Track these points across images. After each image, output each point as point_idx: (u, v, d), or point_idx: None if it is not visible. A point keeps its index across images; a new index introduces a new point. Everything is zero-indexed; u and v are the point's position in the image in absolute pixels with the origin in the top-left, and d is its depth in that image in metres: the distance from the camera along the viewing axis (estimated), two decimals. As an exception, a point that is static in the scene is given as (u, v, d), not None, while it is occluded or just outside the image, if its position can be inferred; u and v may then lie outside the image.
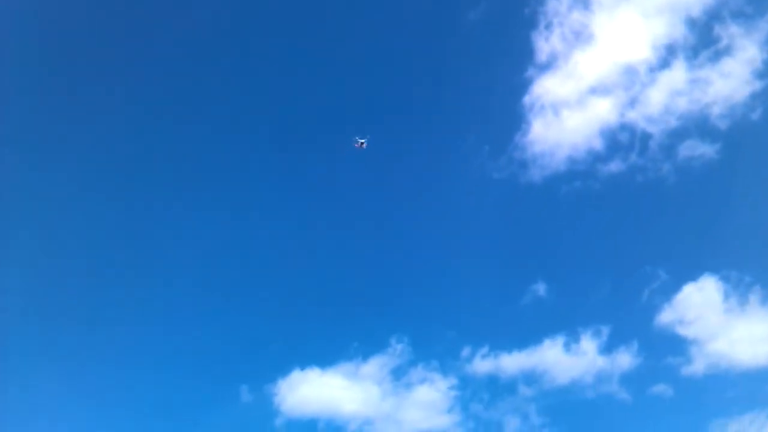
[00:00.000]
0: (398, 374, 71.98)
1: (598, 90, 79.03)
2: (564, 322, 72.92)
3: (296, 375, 70.83)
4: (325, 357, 72.46)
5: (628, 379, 68.93)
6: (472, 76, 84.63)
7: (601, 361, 70.16)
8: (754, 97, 73.54)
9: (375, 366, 72.14)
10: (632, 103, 78.10)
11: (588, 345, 71.09)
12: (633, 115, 77.64)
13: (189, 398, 71.51)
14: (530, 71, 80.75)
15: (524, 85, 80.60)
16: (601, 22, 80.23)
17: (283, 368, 71.17)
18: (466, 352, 72.43)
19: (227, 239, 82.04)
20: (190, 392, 71.51)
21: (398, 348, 73.23)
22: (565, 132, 78.35)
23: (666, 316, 70.24)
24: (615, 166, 76.79)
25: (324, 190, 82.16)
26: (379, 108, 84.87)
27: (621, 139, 77.53)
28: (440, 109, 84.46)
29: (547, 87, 79.90)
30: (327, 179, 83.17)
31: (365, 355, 72.83)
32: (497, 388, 71.22)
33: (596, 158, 77.18)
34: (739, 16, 75.22)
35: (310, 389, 70.09)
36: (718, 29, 75.90)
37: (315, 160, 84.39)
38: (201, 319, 76.69)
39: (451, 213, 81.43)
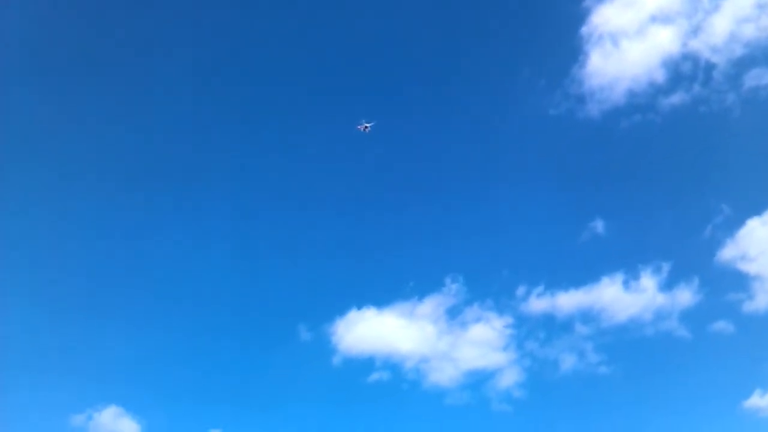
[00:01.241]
0: (453, 313, 72.17)
1: (659, 18, 75.16)
2: (623, 259, 71.83)
3: (353, 314, 71.59)
4: (381, 297, 72.94)
5: (688, 316, 68.09)
6: (527, 7, 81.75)
7: (661, 298, 69.32)
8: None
9: (430, 305, 72.34)
10: (695, 31, 74.26)
11: (647, 282, 70.04)
12: (696, 44, 73.94)
13: (249, 338, 73.24)
14: (588, 0, 77.09)
15: (582, 15, 76.96)
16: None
17: (340, 308, 72.00)
18: (521, 291, 72.19)
19: (286, 183, 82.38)
20: (251, 332, 73.21)
21: (453, 287, 73.20)
22: (625, 63, 75.18)
23: (728, 252, 68.65)
24: (677, 98, 73.98)
25: (378, 130, 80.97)
26: (434, 43, 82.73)
27: (683, 70, 74.34)
28: (493, 42, 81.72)
29: (605, 16, 76.14)
30: (380, 119, 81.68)
31: (421, 294, 73.05)
32: (553, 326, 71.12)
33: (657, 90, 74.37)
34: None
35: (366, 328, 70.81)
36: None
37: (372, 101, 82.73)
38: (261, 261, 77.88)
39: (506, 151, 79.83)
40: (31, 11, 74.39)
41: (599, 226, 73.02)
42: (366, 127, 68.97)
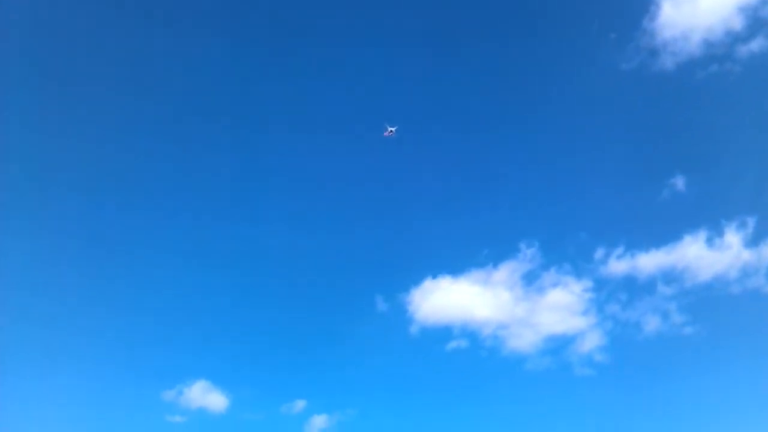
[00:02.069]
0: (530, 279, 71.29)
1: (733, -38, 71.20)
2: (706, 215, 69.56)
3: (428, 284, 71.42)
4: (455, 265, 72.45)
5: (776, 272, 65.47)
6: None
7: (747, 255, 66.74)
8: None
9: (506, 272, 71.63)
10: (773, -27, 70.02)
11: (732, 238, 67.51)
12: (775, -13, 69.87)
13: (330, 310, 74.04)
14: (657, -51, 73.68)
15: (651, -35, 73.66)
16: None
17: (415, 278, 71.83)
18: (599, 253, 70.62)
19: (360, 155, 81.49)
20: (331, 305, 73.99)
21: (528, 253, 72.19)
22: (699, 13, 71.61)
23: (818, 204, 65.70)
24: (756, 45, 70.13)
25: (449, 93, 79.85)
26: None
27: (763, 15, 70.05)
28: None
29: (676, -36, 72.70)
30: (465, 79, 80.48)
31: (495, 261, 72.27)
32: (634, 288, 69.40)
33: (735, 39, 70.63)
34: None
35: (442, 297, 70.70)
36: None
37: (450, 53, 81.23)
38: (337, 235, 78.18)
39: (578, 109, 77.43)
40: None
41: (679, 182, 70.74)
42: (391, 131, 68.06)
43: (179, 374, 67.25)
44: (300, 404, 67.61)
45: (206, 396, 66.95)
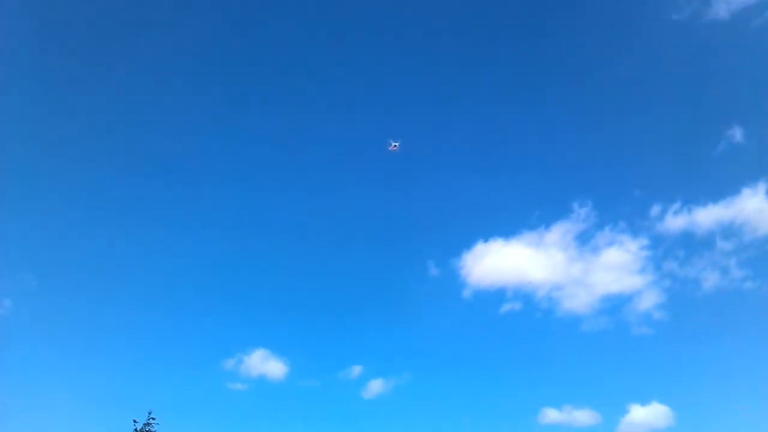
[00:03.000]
0: (584, 239, 70.32)
1: None
2: (765, 167, 67.17)
3: (480, 247, 71.01)
4: (507, 228, 72.13)
5: (840, 221, 63.34)
6: None
7: (810, 205, 64.72)
8: None
9: (559, 232, 70.81)
10: None
11: (794, 189, 65.47)
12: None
13: (383, 278, 74.45)
14: None
15: None
16: None
17: (466, 242, 71.73)
18: (655, 210, 69.28)
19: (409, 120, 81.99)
20: (384, 272, 74.34)
21: (582, 213, 71.13)
22: (753, -43, 68.83)
23: None
24: (816, -12, 67.20)
25: (499, 49, 78.45)
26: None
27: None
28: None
29: None
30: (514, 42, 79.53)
31: (548, 222, 71.52)
32: (692, 244, 67.85)
33: (792, -19, 67.77)
34: None
35: (495, 260, 70.26)
36: None
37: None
38: (388, 202, 78.43)
39: (629, 63, 75.86)
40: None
41: (737, 133, 68.83)
42: (395, 146, 67.75)
43: (239, 343, 68.58)
44: (357, 370, 68.29)
45: (265, 364, 68.08)
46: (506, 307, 69.80)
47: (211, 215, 76.79)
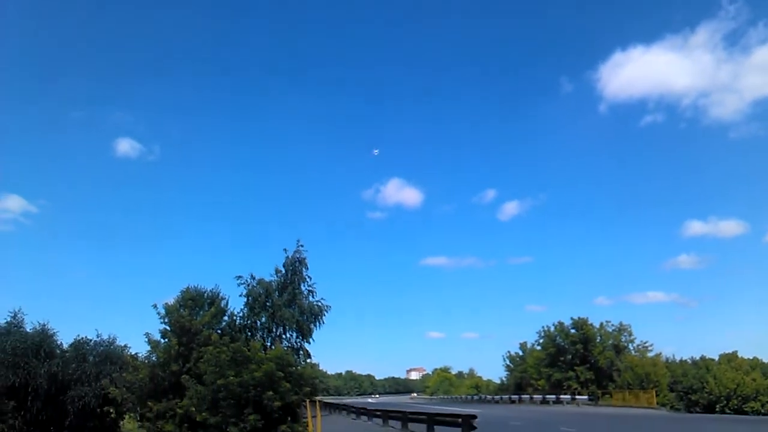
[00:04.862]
0: (734, 38, 65.37)
1: None
2: None
3: (617, 57, 67.60)
4: (647, 32, 68.29)
5: None
6: None
7: None
8: None
9: (705, 33, 65.96)
10: None
11: None
12: None
13: (513, 97, 72.63)
14: None
15: None
16: None
17: (601, 52, 68.95)
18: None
19: None
20: (513, 91, 72.45)
21: (732, 9, 65.49)
22: None
23: None
24: None
25: None
26: None
27: None
28: None
29: None
30: None
31: (693, 23, 66.65)
32: None
33: None
34: None
35: (634, 69, 66.54)
36: None
37: None
38: (515, 17, 74.82)
39: None
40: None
41: None
42: (375, 152, 62.32)
43: (374, 174, 69.35)
44: (491, 193, 68.53)
45: (401, 192, 68.93)
46: (647, 120, 66.92)
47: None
